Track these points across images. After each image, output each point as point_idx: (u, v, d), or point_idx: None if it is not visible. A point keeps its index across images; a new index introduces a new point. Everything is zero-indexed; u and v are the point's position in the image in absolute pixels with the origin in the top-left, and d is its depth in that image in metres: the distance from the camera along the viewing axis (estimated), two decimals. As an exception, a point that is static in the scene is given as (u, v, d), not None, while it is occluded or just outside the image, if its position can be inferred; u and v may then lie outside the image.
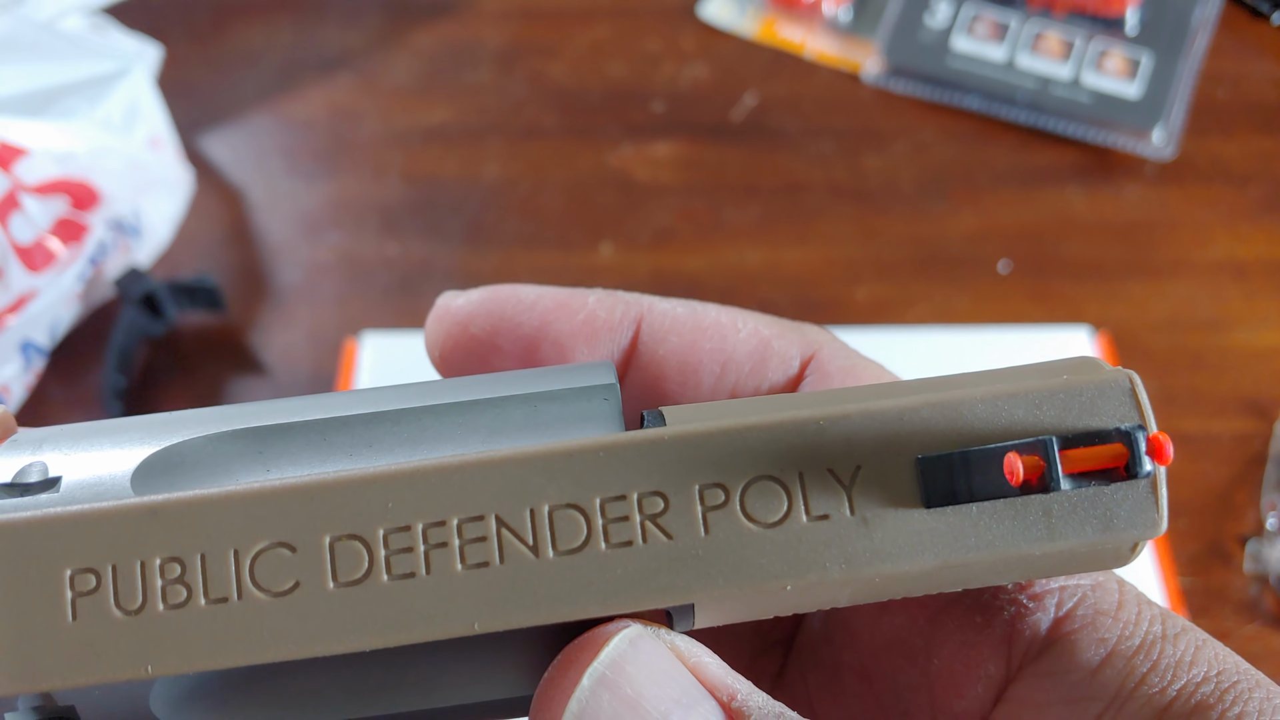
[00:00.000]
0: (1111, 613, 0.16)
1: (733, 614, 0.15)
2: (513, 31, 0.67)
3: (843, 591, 0.15)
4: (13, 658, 0.13)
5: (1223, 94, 0.63)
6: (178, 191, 0.57)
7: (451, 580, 0.14)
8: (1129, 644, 0.16)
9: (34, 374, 0.51)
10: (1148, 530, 0.15)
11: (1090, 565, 0.16)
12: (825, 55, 0.65)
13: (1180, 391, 0.52)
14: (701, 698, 0.14)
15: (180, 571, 0.14)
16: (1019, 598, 0.16)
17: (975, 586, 0.15)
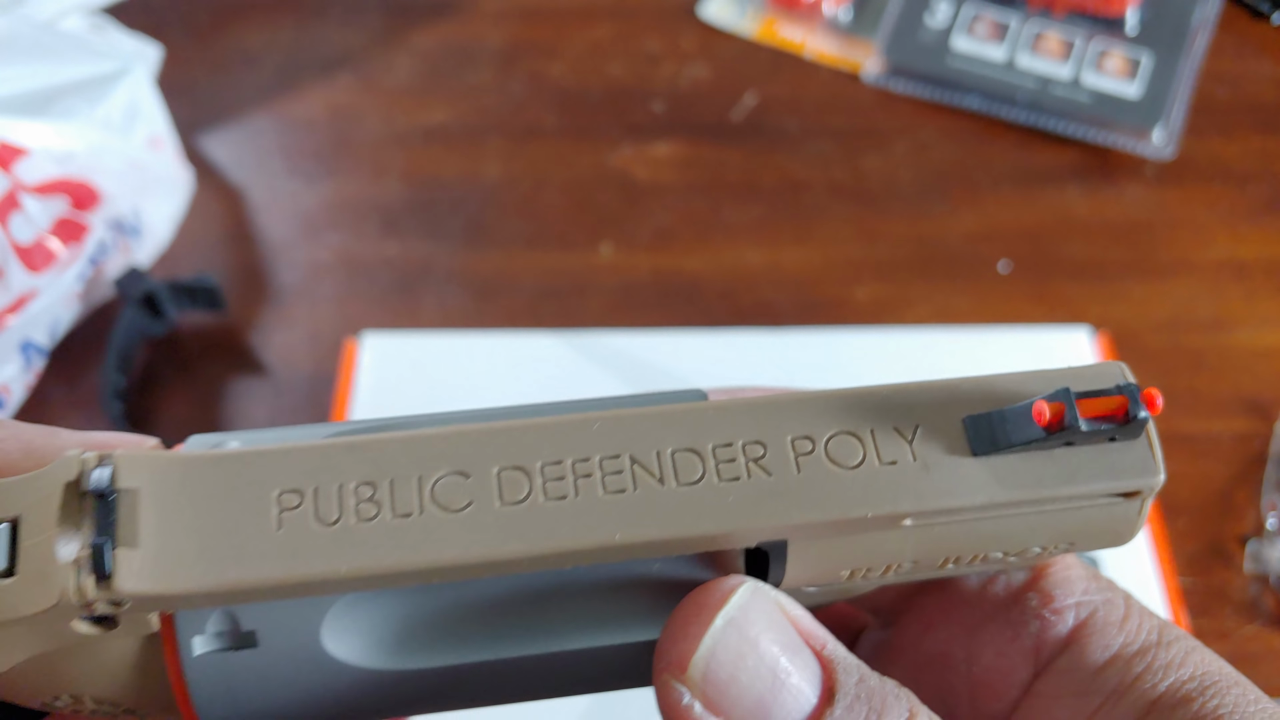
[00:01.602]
0: (1117, 623, 0.20)
1: (818, 564, 0.18)
2: (513, 32, 0.67)
3: (908, 544, 0.18)
4: (228, 553, 0.16)
5: (1223, 94, 0.63)
6: (178, 191, 0.57)
7: (595, 502, 0.17)
8: (1129, 649, 0.19)
9: (34, 374, 0.51)
10: (1149, 477, 0.18)
11: (1107, 531, 0.19)
12: (825, 55, 0.65)
13: (1180, 391, 0.52)
14: (801, 645, 0.17)
15: (371, 493, 0.17)
16: (1043, 612, 0.20)
17: (1013, 550, 0.19)
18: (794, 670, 0.17)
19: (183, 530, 0.16)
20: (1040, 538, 0.19)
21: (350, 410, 0.47)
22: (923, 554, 0.18)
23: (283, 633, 0.17)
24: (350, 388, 0.47)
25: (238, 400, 0.52)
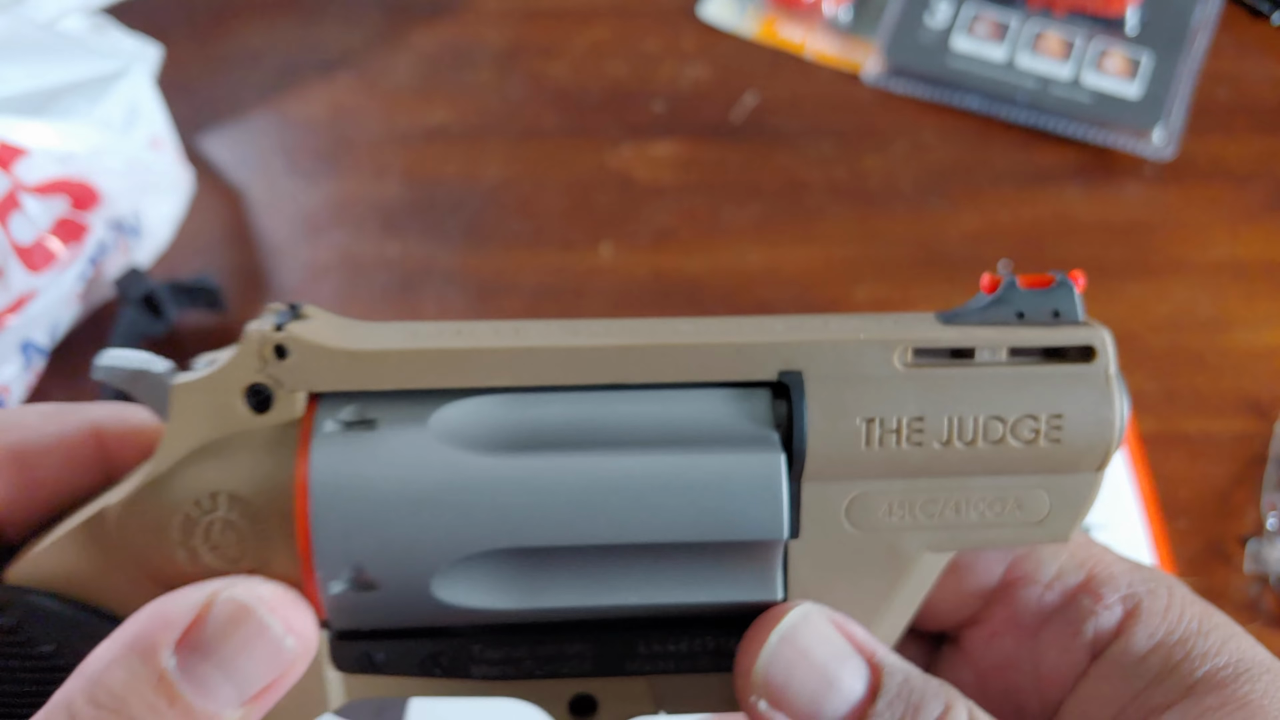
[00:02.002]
0: (1160, 612, 0.22)
1: (834, 405, 0.22)
2: (513, 32, 0.67)
3: (907, 394, 0.22)
4: (367, 337, 0.21)
5: (1223, 94, 0.63)
6: (178, 191, 0.57)
7: (668, 326, 0.23)
8: (1171, 636, 0.22)
9: (34, 374, 0.51)
10: (1090, 330, 0.23)
11: (1084, 398, 0.22)
12: (825, 55, 0.65)
13: (1180, 391, 0.52)
14: (851, 653, 0.21)
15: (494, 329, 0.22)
16: (1095, 608, 0.22)
17: (1008, 415, 0.22)
18: (844, 673, 0.20)
19: (335, 331, 0.21)
20: (1026, 401, 0.22)
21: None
22: (925, 409, 0.22)
23: (398, 420, 0.21)
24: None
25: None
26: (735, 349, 0.22)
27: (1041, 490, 0.22)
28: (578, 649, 0.22)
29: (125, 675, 0.19)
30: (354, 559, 0.21)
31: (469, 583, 0.21)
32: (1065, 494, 0.22)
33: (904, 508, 0.22)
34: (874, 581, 0.22)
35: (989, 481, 0.22)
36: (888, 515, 0.22)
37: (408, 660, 0.22)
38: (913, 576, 0.22)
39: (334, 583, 0.21)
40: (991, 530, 0.22)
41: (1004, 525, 0.22)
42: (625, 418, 0.22)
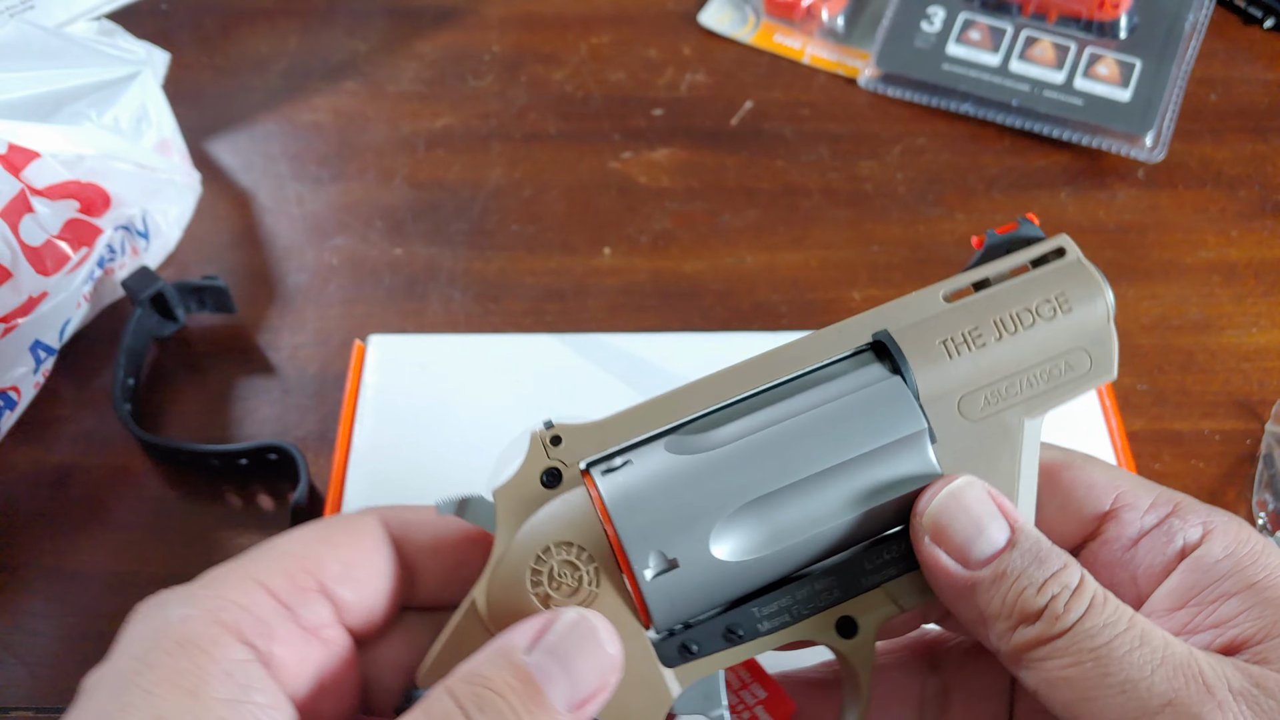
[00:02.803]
0: (1233, 534, 0.29)
1: (920, 340, 0.29)
2: (516, 39, 0.68)
3: (960, 317, 0.30)
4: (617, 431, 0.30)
5: (1213, 98, 0.64)
6: (186, 195, 0.57)
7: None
8: (1241, 549, 0.28)
9: (44, 374, 0.51)
10: (1043, 235, 0.31)
11: (1076, 282, 0.30)
12: (822, 62, 0.66)
13: (1171, 391, 0.53)
14: (997, 514, 0.28)
15: None
16: (1184, 526, 0.29)
17: (1028, 305, 0.30)
18: (991, 526, 0.27)
19: (592, 434, 0.29)
20: (1036, 293, 0.29)
21: (358, 411, 0.47)
22: (975, 321, 0.29)
23: (641, 453, 0.29)
24: (358, 388, 0.48)
25: (246, 400, 0.53)
26: (835, 331, 0.30)
27: (1079, 350, 0.30)
28: (824, 583, 0.29)
29: (491, 665, 0.25)
30: (653, 544, 0.27)
31: (734, 539, 0.28)
32: (1096, 346, 0.30)
33: (995, 394, 0.29)
34: (999, 454, 0.29)
35: (1042, 356, 0.29)
36: (987, 404, 0.29)
37: (713, 638, 0.28)
38: (1024, 442, 0.29)
39: (647, 570, 0.27)
40: (1061, 389, 0.29)
41: (1068, 382, 0.30)
42: (782, 397, 0.29)
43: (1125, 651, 0.26)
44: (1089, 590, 0.27)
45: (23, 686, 0.44)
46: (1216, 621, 0.27)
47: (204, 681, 0.23)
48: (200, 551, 0.48)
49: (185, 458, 0.49)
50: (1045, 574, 0.27)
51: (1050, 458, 0.31)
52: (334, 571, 0.27)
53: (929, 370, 0.29)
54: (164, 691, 0.23)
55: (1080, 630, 0.26)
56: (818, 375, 0.30)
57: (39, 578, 0.47)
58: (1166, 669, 0.25)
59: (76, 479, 0.50)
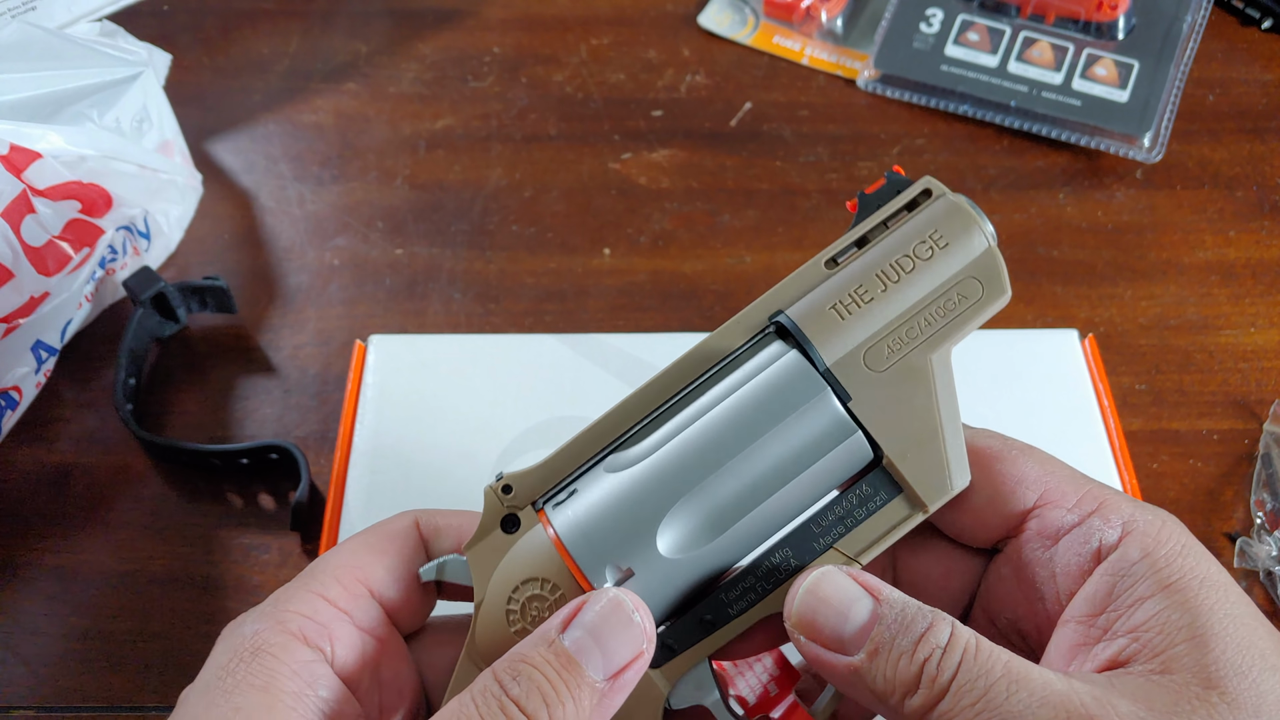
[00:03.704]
0: (1153, 534, 0.29)
1: (813, 308, 0.30)
2: (516, 40, 0.68)
3: (843, 277, 0.31)
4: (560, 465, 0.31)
5: (1211, 99, 0.64)
6: (188, 196, 0.58)
7: None
8: (1157, 551, 0.28)
9: (45, 374, 0.52)
10: (910, 182, 0.31)
11: (949, 219, 0.31)
12: (821, 63, 0.66)
13: (1169, 391, 0.53)
14: (861, 594, 0.28)
15: None
16: (1103, 527, 0.29)
17: (906, 250, 0.31)
18: (854, 608, 0.28)
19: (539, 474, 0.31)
20: (912, 236, 0.30)
21: (359, 411, 0.48)
22: (859, 279, 0.30)
23: (585, 479, 0.30)
24: (359, 388, 0.48)
25: (247, 400, 0.53)
26: (735, 322, 0.31)
27: (968, 280, 0.30)
28: (779, 556, 0.30)
29: (529, 646, 0.27)
30: (607, 560, 0.29)
31: (678, 536, 0.29)
32: (984, 273, 0.30)
33: (896, 341, 0.30)
34: (913, 395, 0.30)
35: (931, 295, 0.30)
36: (890, 352, 0.30)
37: (689, 631, 0.30)
38: (936, 377, 0.30)
39: (606, 585, 0.29)
40: (959, 319, 0.30)
41: (964, 311, 0.30)
42: (698, 395, 0.31)
43: (1003, 699, 0.26)
44: (959, 645, 0.27)
45: (24, 685, 0.44)
46: (1131, 627, 0.28)
47: (274, 679, 0.27)
48: (201, 551, 0.48)
49: (186, 458, 0.50)
50: (913, 638, 0.27)
51: (985, 446, 0.31)
52: (380, 577, 0.31)
53: (826, 337, 0.30)
54: (241, 691, 0.27)
55: (957, 687, 0.26)
56: (728, 368, 0.31)
57: (40, 577, 0.47)
58: (1047, 710, 0.26)
59: (78, 479, 0.50)
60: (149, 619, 0.46)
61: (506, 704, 0.25)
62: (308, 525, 0.48)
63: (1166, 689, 0.26)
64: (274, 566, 0.47)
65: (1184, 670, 0.26)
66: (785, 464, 0.29)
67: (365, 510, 0.44)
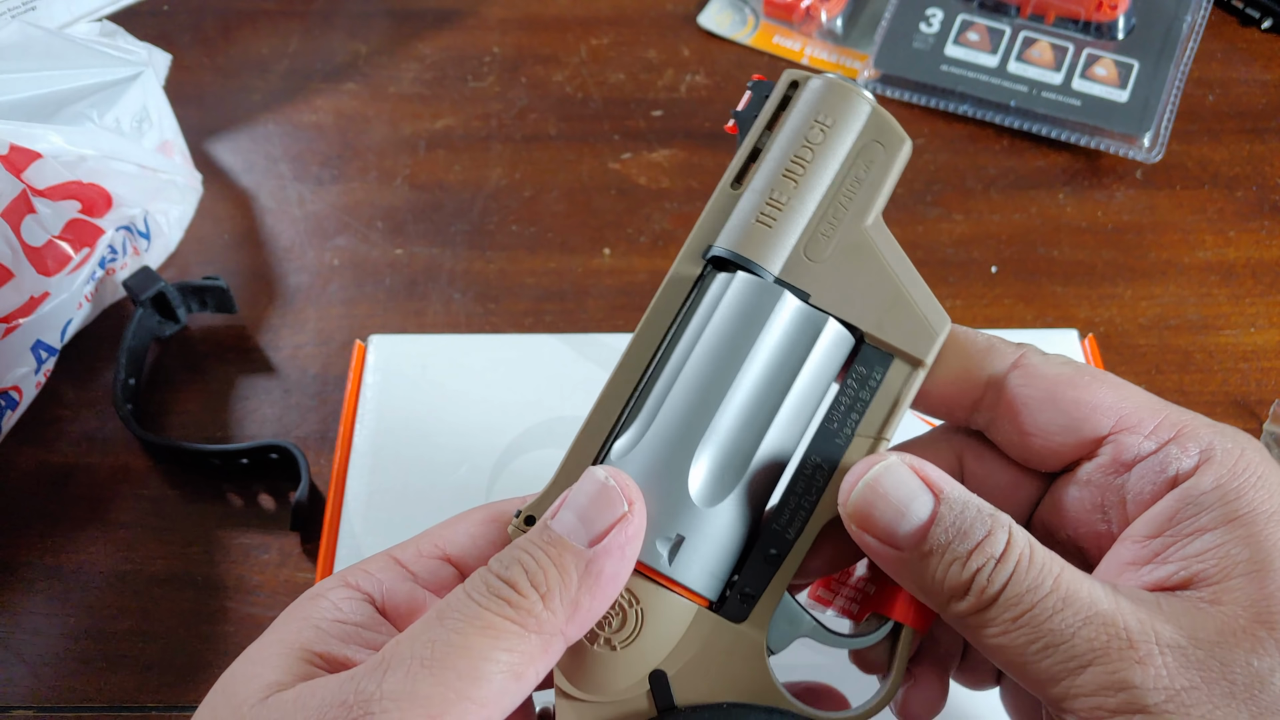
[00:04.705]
0: (1229, 463, 0.28)
1: (739, 224, 0.31)
2: (516, 40, 0.68)
3: (754, 184, 0.32)
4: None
5: (1211, 99, 0.64)
6: (188, 196, 0.58)
7: None
8: (1232, 481, 0.28)
9: (45, 374, 0.52)
10: (771, 84, 0.32)
11: (827, 97, 0.31)
12: (821, 63, 0.67)
13: (1168, 391, 0.53)
14: (921, 490, 0.28)
15: None
16: (1180, 455, 0.28)
17: (815, 143, 0.31)
18: (913, 504, 0.28)
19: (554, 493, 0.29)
20: (801, 126, 0.31)
21: (359, 411, 0.48)
22: (768, 185, 0.31)
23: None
24: (359, 388, 0.48)
25: (247, 400, 0.53)
26: (672, 279, 0.31)
27: (869, 144, 0.31)
28: (810, 464, 0.30)
29: (523, 536, 0.27)
30: (653, 537, 0.28)
31: (708, 487, 0.29)
32: (879, 133, 0.31)
33: (826, 226, 0.31)
34: (863, 269, 0.30)
35: (840, 171, 0.31)
36: (825, 238, 0.30)
37: (759, 572, 0.29)
38: (879, 243, 0.31)
39: (661, 560, 0.28)
40: (874, 182, 0.31)
41: (876, 173, 0.31)
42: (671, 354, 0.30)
43: (1049, 615, 0.26)
44: (1014, 555, 0.27)
45: (24, 685, 0.44)
46: (1185, 555, 0.27)
47: (316, 609, 0.28)
48: (201, 551, 0.48)
49: (186, 457, 0.50)
50: (969, 546, 0.27)
51: (1057, 373, 0.30)
52: (458, 542, 0.31)
53: (763, 250, 0.30)
54: (284, 621, 0.28)
55: (1005, 599, 0.26)
56: (684, 320, 0.30)
57: (40, 577, 0.47)
58: (1090, 629, 0.25)
59: (78, 479, 0.50)
60: (149, 619, 0.46)
61: (493, 582, 0.26)
62: (308, 525, 0.48)
63: (1214, 619, 0.25)
64: (274, 566, 0.47)
65: (1235, 603, 0.26)
66: (777, 379, 0.29)
67: (365, 510, 0.44)
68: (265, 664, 0.26)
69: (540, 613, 0.25)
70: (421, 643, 0.24)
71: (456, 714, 0.24)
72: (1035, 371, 0.30)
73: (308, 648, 0.27)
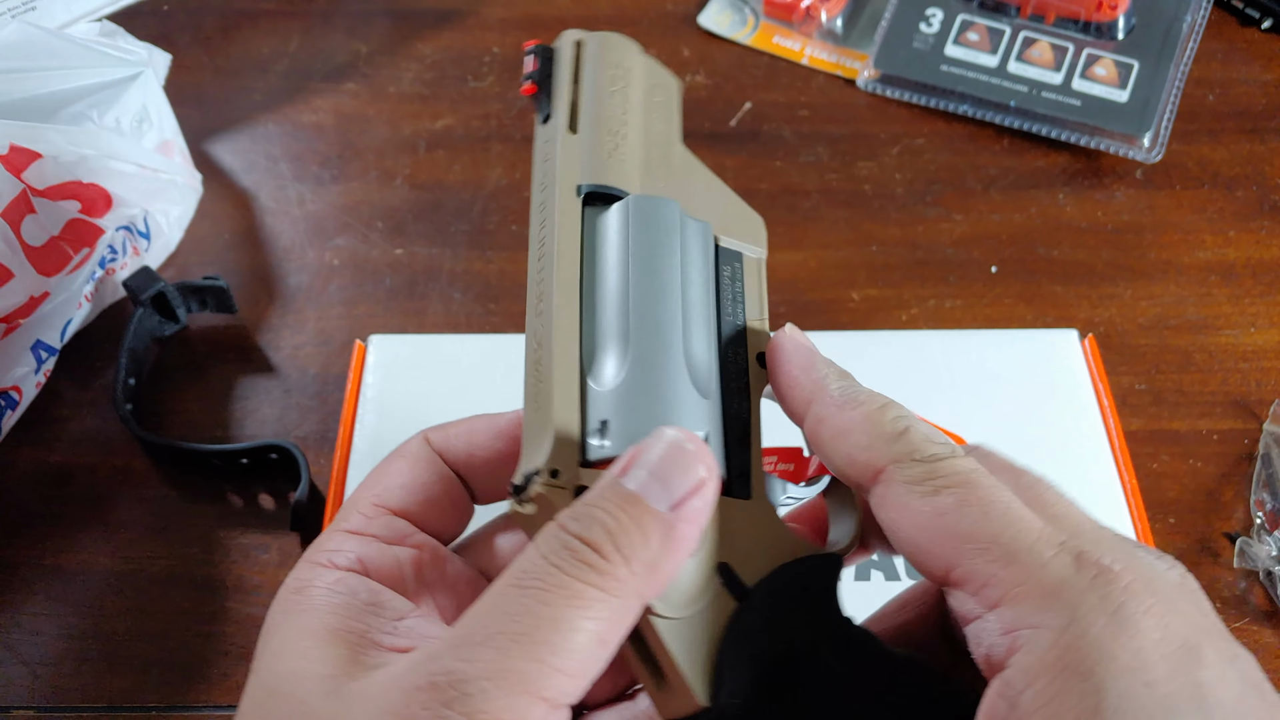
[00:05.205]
0: (1038, 653, 0.23)
1: (589, 144, 0.33)
2: (516, 40, 0.68)
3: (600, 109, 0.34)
4: None
5: (1211, 99, 0.64)
6: (187, 196, 0.58)
7: None
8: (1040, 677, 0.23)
9: (45, 374, 0.52)
10: (551, 47, 0.34)
11: (596, 51, 0.34)
12: (821, 63, 0.67)
13: (1168, 391, 0.53)
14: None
15: None
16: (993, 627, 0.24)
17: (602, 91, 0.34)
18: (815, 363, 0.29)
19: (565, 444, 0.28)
20: (603, 81, 0.34)
21: (359, 411, 0.48)
22: (599, 126, 0.32)
23: None
24: (359, 388, 0.48)
25: (247, 400, 0.53)
26: (562, 229, 0.31)
27: (654, 87, 0.35)
28: (731, 351, 0.31)
29: (591, 494, 0.26)
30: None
31: (690, 389, 0.29)
32: (655, 77, 0.35)
33: (655, 150, 0.34)
34: (696, 178, 0.34)
35: (643, 105, 0.34)
36: (661, 160, 0.34)
37: (739, 451, 0.30)
38: (695, 160, 0.35)
39: None
40: (667, 113, 0.35)
41: (665, 108, 0.35)
42: (601, 292, 0.31)
43: None
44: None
45: (24, 686, 0.44)
46: None
47: (313, 601, 0.27)
48: (201, 551, 0.48)
49: (186, 458, 0.50)
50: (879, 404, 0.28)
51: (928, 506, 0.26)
52: (394, 493, 0.30)
53: (625, 179, 0.32)
54: (289, 624, 0.27)
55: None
56: (592, 257, 0.31)
57: (40, 577, 0.47)
58: None
59: (78, 479, 0.50)
60: (149, 619, 0.46)
61: (569, 541, 0.24)
62: (308, 525, 0.48)
63: None
64: (274, 566, 0.47)
65: None
66: (702, 282, 0.31)
67: (365, 510, 0.44)
68: (305, 658, 0.25)
69: (625, 576, 0.24)
70: (508, 615, 0.23)
71: (553, 687, 0.23)
72: (901, 498, 0.26)
73: (342, 632, 0.26)
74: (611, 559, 0.24)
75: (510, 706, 0.22)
